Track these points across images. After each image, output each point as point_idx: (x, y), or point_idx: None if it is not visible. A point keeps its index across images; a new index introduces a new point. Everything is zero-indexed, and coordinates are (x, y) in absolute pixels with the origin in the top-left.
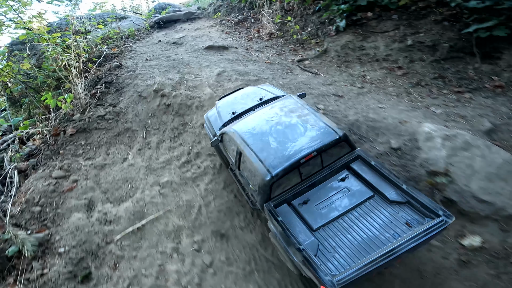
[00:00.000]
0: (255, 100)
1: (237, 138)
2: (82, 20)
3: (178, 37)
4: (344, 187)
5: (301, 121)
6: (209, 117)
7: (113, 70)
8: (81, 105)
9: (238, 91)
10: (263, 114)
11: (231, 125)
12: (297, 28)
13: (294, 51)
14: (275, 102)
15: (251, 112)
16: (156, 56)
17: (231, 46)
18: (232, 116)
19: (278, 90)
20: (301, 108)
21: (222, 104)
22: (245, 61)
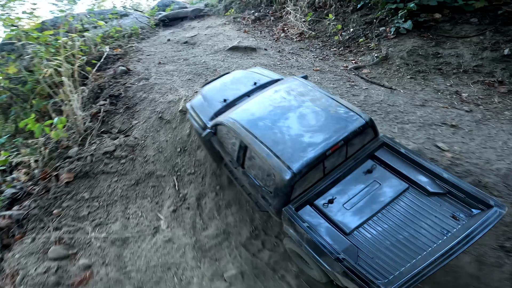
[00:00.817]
0: (249, 84)
1: (239, 129)
2: (80, 17)
3: (189, 36)
4: (373, 180)
5: (317, 105)
6: (194, 106)
7: (119, 77)
8: (78, 131)
9: (225, 76)
10: (267, 99)
11: (227, 114)
12: (339, 28)
13: (341, 56)
14: (277, 85)
15: (246, 98)
16: (170, 58)
17: (258, 47)
18: (224, 104)
19: (272, 73)
20: (312, 91)
21: (209, 91)
22: (286, 68)
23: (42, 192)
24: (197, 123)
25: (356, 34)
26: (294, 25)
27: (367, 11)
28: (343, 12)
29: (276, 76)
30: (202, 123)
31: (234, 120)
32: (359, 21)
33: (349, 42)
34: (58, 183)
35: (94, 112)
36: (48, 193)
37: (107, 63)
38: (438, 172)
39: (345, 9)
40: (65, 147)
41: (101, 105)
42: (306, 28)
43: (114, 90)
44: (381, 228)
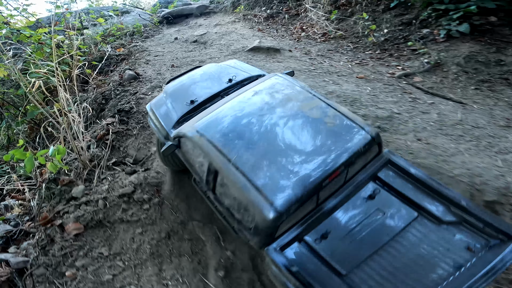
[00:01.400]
0: (223, 81)
1: (206, 146)
2: (78, 13)
3: (198, 35)
4: (376, 207)
5: (310, 114)
6: (154, 108)
7: (127, 83)
8: (82, 161)
9: (195, 70)
10: (245, 105)
11: (193, 121)
12: (373, 28)
13: (380, 60)
14: (257, 84)
15: (219, 100)
16: (182, 60)
17: (282, 48)
18: (192, 107)
19: (251, 67)
20: (301, 93)
21: (174, 89)
22: (323, 75)
23: (45, 242)
24: (158, 130)
25: (393, 35)
26: (314, 24)
27: (402, 10)
28: (372, 11)
29: (255, 71)
30: (164, 131)
31: (201, 134)
32: (393, 21)
33: (387, 45)
34: (65, 234)
35: (101, 135)
36: (52, 244)
37: (110, 64)
38: (455, 199)
39: (374, 7)
40: (66, 183)
41: (108, 123)
42: (332, 27)
43: (123, 102)
44: (384, 266)
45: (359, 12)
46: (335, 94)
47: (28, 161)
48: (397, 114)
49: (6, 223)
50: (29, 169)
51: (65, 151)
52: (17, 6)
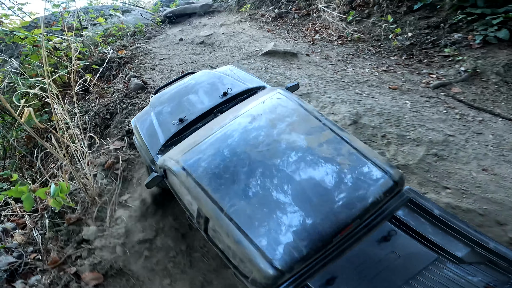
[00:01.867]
0: (216, 95)
1: (194, 188)
2: (77, 12)
3: (205, 35)
4: (391, 250)
5: (319, 150)
6: (139, 124)
7: (134, 94)
8: (89, 196)
9: (185, 79)
10: (239, 134)
11: (179, 150)
12: (398, 31)
13: (409, 67)
14: (256, 104)
15: (211, 119)
16: (191, 65)
17: (299, 52)
18: (180, 127)
19: (248, 75)
20: (309, 121)
21: (161, 101)
22: (353, 84)
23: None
24: (144, 152)
25: (420, 40)
26: (329, 25)
27: (427, 13)
28: (393, 13)
29: (254, 82)
30: (149, 155)
31: (187, 172)
32: (417, 24)
33: (414, 50)
34: (82, 283)
35: (110, 163)
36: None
37: (111, 68)
38: (483, 241)
39: (395, 9)
40: (73, 222)
41: (117, 148)
42: (351, 30)
43: (130, 119)
44: None
45: (377, 13)
46: (375, 112)
47: (27, 200)
48: (451, 136)
49: (7, 253)
50: (29, 208)
51: (69, 188)
52: (12, 5)
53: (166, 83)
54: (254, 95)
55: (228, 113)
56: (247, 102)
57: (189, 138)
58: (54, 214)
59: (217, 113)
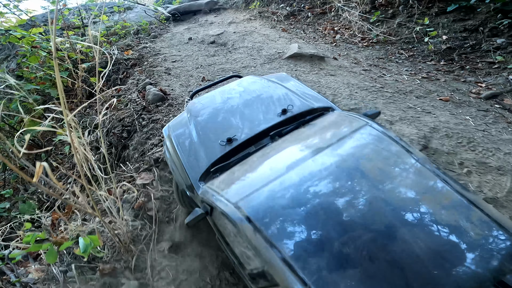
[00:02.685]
0: (273, 111)
1: (265, 249)
2: (78, 9)
3: (215, 34)
4: None
5: (443, 213)
6: (174, 135)
7: (153, 108)
8: (121, 243)
9: (229, 85)
10: (325, 175)
11: (234, 182)
12: (434, 34)
13: (450, 73)
14: (334, 134)
15: (267, 143)
16: (209, 68)
17: (325, 55)
18: (228, 149)
19: (311, 91)
20: (417, 166)
21: (202, 110)
22: (399, 95)
23: None
24: (179, 174)
25: (457, 44)
26: (349, 25)
27: (462, 15)
28: (422, 14)
29: (318, 100)
30: (188, 179)
31: (255, 225)
32: (452, 27)
33: (452, 54)
34: None
35: (140, 202)
36: None
37: (118, 70)
38: None
39: (424, 10)
40: (107, 272)
41: (145, 183)
42: (378, 31)
43: (154, 141)
44: None
45: (403, 14)
46: (443, 132)
47: (50, 254)
48: None
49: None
50: (53, 261)
51: (99, 241)
52: (7, 3)
53: (205, 86)
54: (320, 117)
55: (292, 140)
56: (317, 128)
57: (242, 167)
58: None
59: (275, 135)
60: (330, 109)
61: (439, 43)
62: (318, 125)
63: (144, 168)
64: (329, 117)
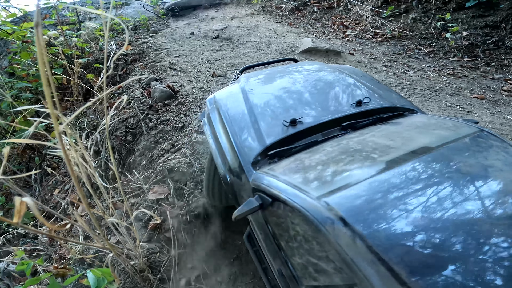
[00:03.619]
0: (344, 100)
1: (366, 263)
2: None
3: (217, 29)
4: None
5: None
6: (222, 107)
7: (162, 107)
8: (137, 272)
9: (288, 67)
10: (444, 178)
11: (305, 170)
12: (456, 30)
13: (476, 70)
14: (434, 134)
15: (338, 134)
16: (216, 64)
17: (341, 50)
18: (291, 132)
19: (385, 87)
20: None
21: (261, 86)
22: (430, 93)
23: None
24: (220, 152)
25: (479, 40)
26: (359, 20)
27: (482, 11)
28: (438, 9)
29: (398, 99)
30: (233, 157)
31: (348, 226)
32: (471, 23)
33: (475, 50)
34: None
35: (154, 224)
36: None
37: (117, 66)
38: None
39: (440, 5)
40: None
41: (159, 198)
42: (393, 26)
43: (165, 145)
44: None
45: (417, 9)
46: None
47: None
48: None
49: None
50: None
51: (113, 276)
52: None
53: (257, 63)
54: (405, 117)
55: (377, 134)
56: (408, 128)
57: (313, 155)
58: None
59: (347, 127)
60: (414, 111)
61: (460, 39)
62: (407, 124)
63: (155, 178)
64: (419, 119)
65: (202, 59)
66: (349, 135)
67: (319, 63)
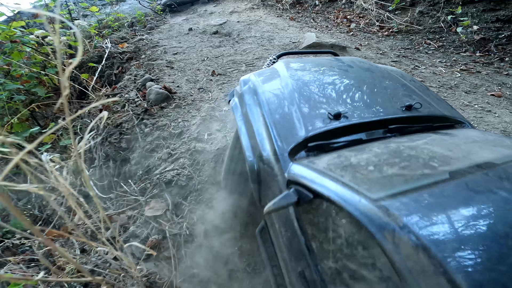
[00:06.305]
0: (393, 102)
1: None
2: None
3: (216, 24)
4: None
5: None
6: (260, 88)
7: (158, 110)
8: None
9: (330, 58)
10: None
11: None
12: (467, 24)
13: (490, 65)
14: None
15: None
16: (216, 61)
17: (346, 45)
18: (335, 125)
19: (434, 93)
20: None
21: (302, 73)
22: (445, 90)
23: None
24: (251, 137)
25: (491, 34)
26: (363, 14)
27: (492, 5)
28: (447, 2)
29: (449, 109)
30: (270, 145)
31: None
32: (482, 17)
33: (487, 45)
34: None
35: (153, 241)
36: None
37: (112, 65)
38: None
39: None
40: None
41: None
42: (401, 20)
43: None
44: None
45: (424, 3)
46: None
47: None
48: None
49: None
50: None
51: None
52: None
53: (295, 51)
54: (455, 129)
55: (430, 142)
56: (463, 140)
57: (361, 154)
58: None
59: (394, 131)
60: (464, 124)
61: (471, 34)
62: (462, 137)
63: (151, 191)
64: (474, 133)
65: (201, 56)
66: (397, 139)
67: (367, 61)
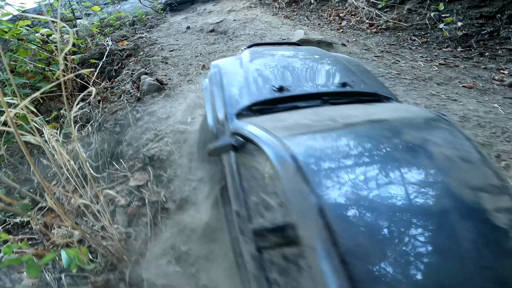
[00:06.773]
0: (331, 81)
1: (302, 195)
2: (69, 1)
3: (213, 23)
4: None
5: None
6: (223, 69)
7: (149, 99)
8: (114, 254)
9: (290, 47)
10: (382, 138)
11: (278, 121)
12: (450, 20)
13: (469, 60)
14: (397, 113)
15: (319, 104)
16: (208, 57)
17: (333, 41)
18: (276, 96)
19: (373, 76)
20: (483, 168)
21: (260, 58)
22: (418, 82)
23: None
24: (213, 105)
25: (474, 30)
26: (355, 12)
27: (477, 2)
28: (434, 0)
29: (381, 87)
30: (224, 110)
31: (296, 162)
32: (467, 13)
33: (469, 41)
34: None
35: (134, 207)
36: None
37: (112, 62)
38: None
39: None
40: (99, 285)
41: (139, 185)
42: (388, 17)
43: (149, 135)
44: None
45: (412, 0)
46: (474, 122)
47: (31, 268)
48: None
49: None
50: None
51: (87, 252)
52: None
53: (264, 42)
54: (381, 103)
55: (349, 108)
56: (379, 108)
57: (290, 114)
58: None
59: (327, 101)
60: (391, 99)
61: (454, 30)
62: (377, 106)
63: (137, 166)
64: (391, 104)
65: (195, 52)
66: (325, 107)
67: (319, 49)
